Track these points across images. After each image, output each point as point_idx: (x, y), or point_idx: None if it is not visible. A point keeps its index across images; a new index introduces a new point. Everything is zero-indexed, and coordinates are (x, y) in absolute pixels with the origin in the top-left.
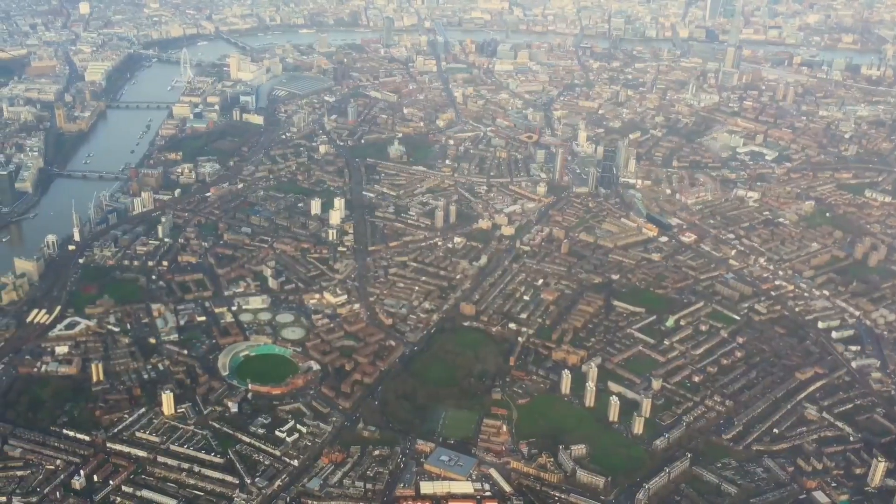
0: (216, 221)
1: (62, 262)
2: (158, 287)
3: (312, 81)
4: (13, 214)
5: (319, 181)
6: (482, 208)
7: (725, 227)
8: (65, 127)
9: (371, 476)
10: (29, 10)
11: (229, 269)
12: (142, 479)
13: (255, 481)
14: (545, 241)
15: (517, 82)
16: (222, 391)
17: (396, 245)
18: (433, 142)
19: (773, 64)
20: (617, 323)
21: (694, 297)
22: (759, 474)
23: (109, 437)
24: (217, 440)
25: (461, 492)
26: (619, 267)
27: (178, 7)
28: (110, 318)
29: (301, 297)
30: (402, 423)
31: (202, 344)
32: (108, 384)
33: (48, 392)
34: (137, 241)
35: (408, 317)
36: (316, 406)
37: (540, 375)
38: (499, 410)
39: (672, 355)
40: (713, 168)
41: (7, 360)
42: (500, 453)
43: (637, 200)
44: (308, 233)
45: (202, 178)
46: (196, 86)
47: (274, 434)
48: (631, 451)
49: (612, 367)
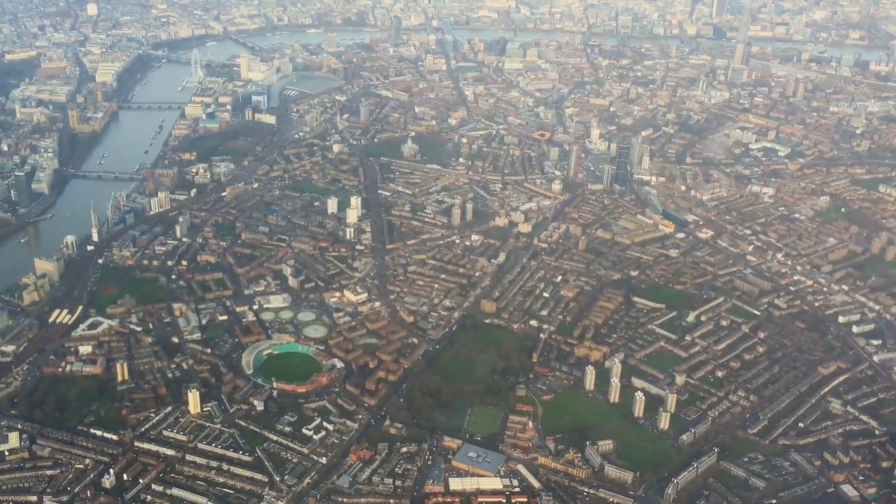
0: (233, 221)
1: (81, 263)
2: (179, 286)
3: (323, 81)
4: (30, 215)
5: (334, 180)
6: (498, 206)
7: (741, 222)
8: (78, 128)
9: (399, 473)
10: (37, 12)
11: (249, 269)
12: (171, 477)
13: (284, 479)
14: (562, 238)
15: (527, 80)
16: (247, 389)
17: (414, 243)
18: (446, 140)
19: (782, 60)
20: (637, 319)
21: (713, 293)
22: (786, 468)
23: (137, 436)
24: (244, 438)
25: (490, 488)
26: (638, 263)
27: (185, 8)
28: (132, 318)
29: (321, 296)
30: (428, 420)
31: (225, 343)
32: (134, 383)
33: (74, 392)
34: (156, 240)
35: (429, 314)
36: (341, 404)
37: (563, 372)
38: (524, 407)
39: (694, 351)
40: (727, 164)
41: (31, 360)
42: (527, 449)
43: (652, 197)
44: (325, 231)
45: (217, 178)
46: (207, 86)
47: (301, 432)
48: (657, 446)
49: (635, 363)
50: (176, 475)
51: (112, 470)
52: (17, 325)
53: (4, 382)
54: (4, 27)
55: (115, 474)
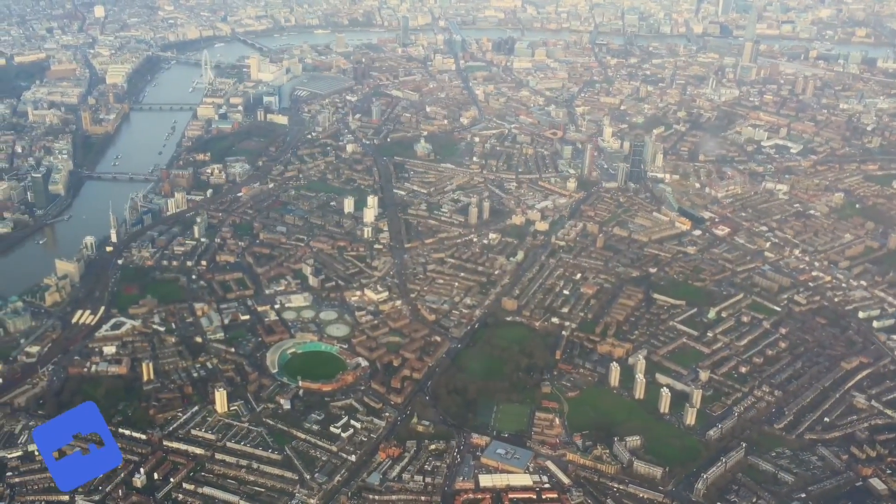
0: (250, 221)
1: (101, 264)
2: (199, 286)
3: (333, 81)
4: (48, 217)
5: (349, 180)
6: (514, 204)
7: (757, 219)
8: (91, 129)
9: (429, 470)
10: (44, 15)
11: (268, 268)
12: (202, 476)
13: (314, 477)
14: (579, 235)
15: (537, 79)
16: (273, 388)
17: (432, 242)
18: (459, 139)
19: (790, 58)
20: (658, 316)
21: (733, 289)
22: (814, 463)
23: (165, 436)
24: (272, 437)
25: (520, 484)
26: (656, 260)
27: (192, 9)
28: (154, 318)
29: (342, 295)
30: (454, 418)
31: (248, 342)
32: (159, 383)
33: (101, 392)
34: (174, 241)
35: (450, 312)
36: (368, 402)
37: (587, 368)
38: (550, 404)
39: (716, 347)
40: (740, 162)
41: (56, 360)
42: (555, 445)
43: (667, 194)
44: (343, 231)
45: (232, 179)
46: (217, 87)
47: (328, 430)
48: (685, 441)
49: (658, 360)
50: (206, 474)
51: (142, 469)
52: (41, 326)
53: (30, 383)
54: (12, 30)
55: (146, 473)
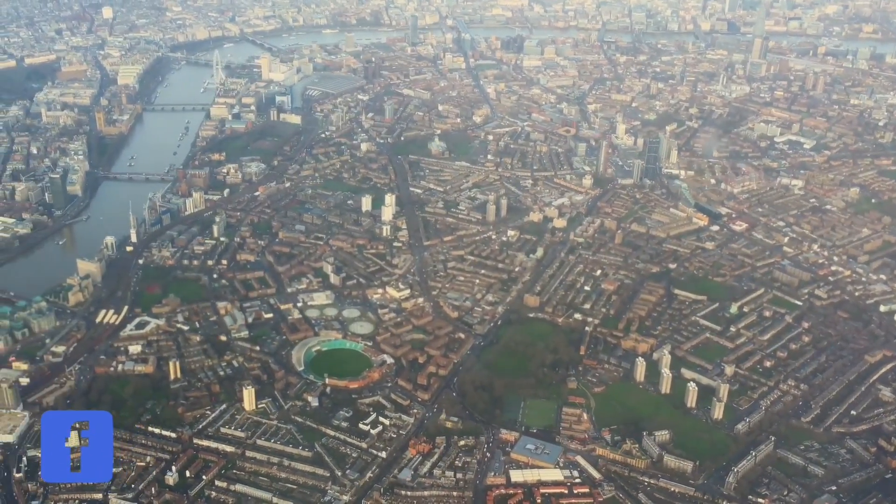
0: (269, 220)
1: (122, 263)
2: (221, 286)
3: (344, 81)
4: (66, 217)
5: (365, 178)
6: (531, 201)
7: (774, 214)
8: (105, 130)
9: (460, 466)
10: (52, 16)
11: (289, 267)
12: (233, 473)
13: (346, 473)
14: (598, 232)
15: (547, 77)
16: (300, 386)
17: (451, 239)
18: (472, 137)
19: (798, 54)
20: (680, 311)
21: (753, 284)
22: (843, 455)
23: (195, 434)
24: (301, 434)
25: (551, 479)
26: (675, 256)
27: (200, 10)
28: (178, 317)
29: (364, 293)
30: (482, 414)
31: (272, 340)
32: (186, 381)
33: (129, 391)
34: (194, 240)
35: (472, 309)
36: (395, 398)
37: (612, 364)
38: (577, 399)
39: (740, 341)
40: (754, 157)
41: (82, 360)
42: (584, 441)
43: (684, 190)
44: (362, 229)
45: (248, 178)
46: (229, 87)
47: (357, 427)
48: (713, 435)
49: (682, 355)
50: (237, 471)
51: (174, 467)
52: (65, 326)
53: (58, 382)
54: (21, 31)
55: (178, 471)
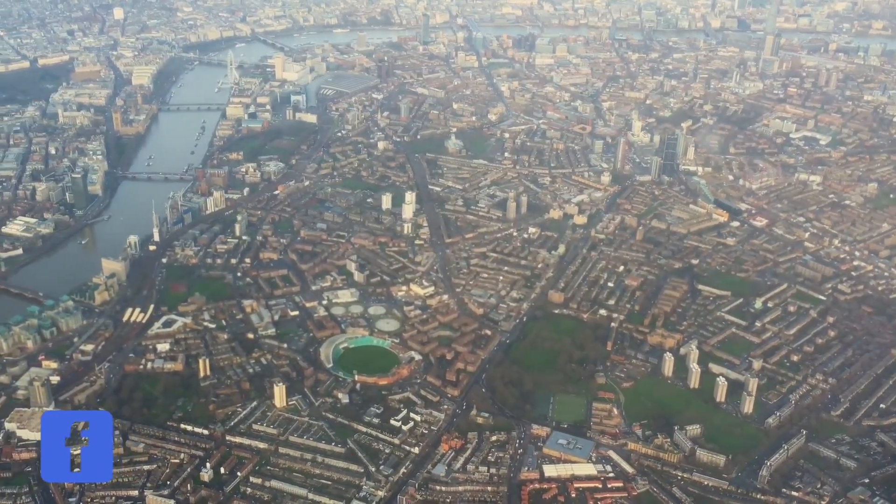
0: (290, 218)
1: (145, 262)
2: (246, 284)
3: (358, 80)
4: (88, 217)
5: (383, 177)
6: (551, 199)
7: (794, 210)
8: (122, 130)
9: (493, 461)
10: (64, 17)
11: (313, 265)
12: (267, 469)
13: (379, 469)
14: (618, 228)
15: (560, 75)
16: (330, 383)
17: (473, 237)
18: (488, 135)
19: (810, 51)
20: (705, 306)
21: (776, 280)
22: (874, 448)
23: (227, 430)
24: (333, 430)
25: (585, 473)
26: (697, 252)
27: (210, 10)
28: (204, 315)
29: (388, 290)
30: (512, 409)
31: (300, 338)
32: (216, 379)
33: (159, 388)
34: (216, 239)
35: (498, 306)
36: (425, 395)
37: (639, 359)
38: (606, 394)
39: (766, 336)
40: (770, 154)
41: (111, 358)
42: (615, 435)
43: (702, 187)
44: (383, 227)
45: (267, 177)
46: (244, 87)
47: (389, 423)
48: (744, 429)
49: (709, 350)
50: (272, 468)
51: (209, 464)
52: (93, 325)
53: (89, 381)
54: (34, 32)
55: (212, 468)
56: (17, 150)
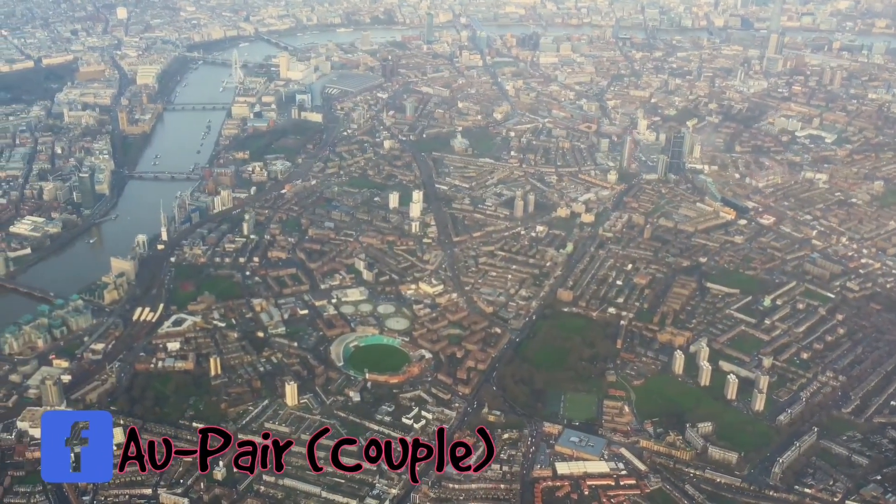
0: (297, 217)
1: (154, 261)
2: (255, 283)
3: (363, 79)
4: (95, 216)
5: (390, 176)
6: (557, 197)
7: (801, 208)
8: (128, 130)
9: (505, 459)
10: (67, 17)
11: (321, 263)
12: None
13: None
14: (626, 227)
15: (565, 74)
16: (341, 381)
17: (480, 235)
18: (494, 134)
19: (813, 49)
20: (714, 304)
21: (784, 277)
22: (885, 445)
23: (239, 429)
24: (345, 428)
25: (597, 471)
26: (705, 250)
27: (213, 10)
28: (214, 314)
29: (397, 289)
30: (523, 407)
31: (310, 336)
32: (227, 378)
33: (170, 387)
34: (224, 238)
35: (507, 304)
36: (436, 393)
37: (649, 357)
38: (617, 392)
39: (775, 334)
40: (776, 152)
41: (122, 357)
42: (627, 433)
43: (709, 185)
44: (391, 226)
45: (274, 176)
46: (249, 86)
47: (401, 421)
48: (755, 427)
49: (719, 347)
50: (285, 466)
51: (221, 462)
52: (102, 324)
53: (100, 379)
54: (37, 32)
55: (225, 466)
56: (23, 150)
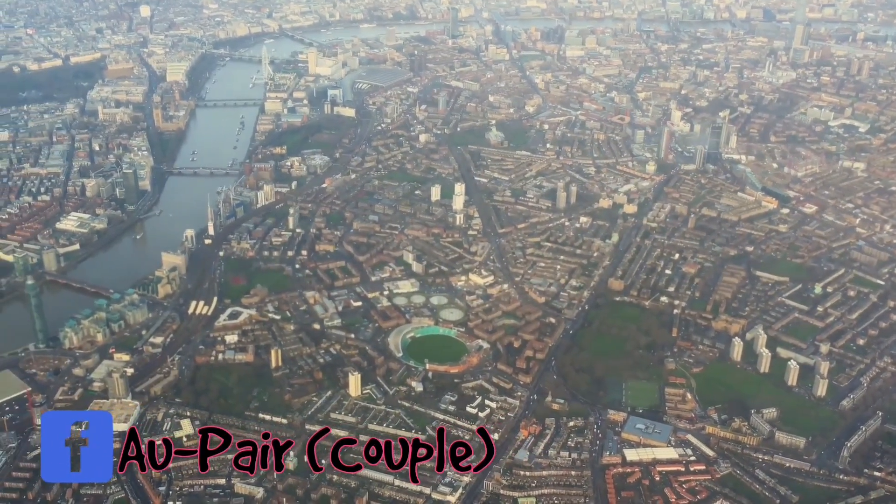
0: (340, 211)
1: (202, 256)
2: (305, 276)
3: (392, 74)
4: (140, 212)
5: (428, 169)
6: (598, 188)
7: (841, 196)
8: (163, 126)
9: (573, 446)
10: (90, 15)
11: (370, 256)
12: (351, 457)
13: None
14: (669, 217)
15: (593, 67)
16: (402, 372)
17: (525, 227)
18: (527, 127)
19: (838, 40)
20: (765, 292)
21: (832, 265)
22: None
23: (306, 419)
24: (411, 418)
25: (666, 457)
26: (750, 239)
27: (236, 7)
28: (268, 307)
29: (447, 280)
30: (585, 395)
31: (366, 328)
32: (287, 369)
33: (233, 379)
34: (270, 232)
35: (558, 294)
36: (497, 382)
37: (706, 345)
38: (677, 379)
39: (829, 320)
40: (811, 141)
41: (181, 350)
42: (691, 420)
43: (748, 175)
44: (434, 218)
45: (313, 171)
46: (279, 82)
47: (465, 410)
48: (819, 412)
49: (774, 334)
50: (355, 455)
51: (292, 452)
52: (158, 318)
53: (162, 372)
54: (63, 31)
55: (297, 456)
56: (61, 147)
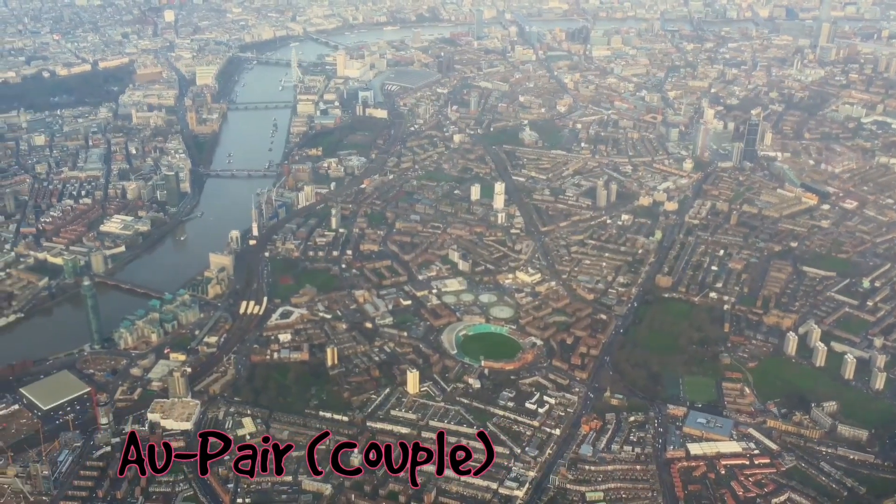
0: (381, 211)
1: (248, 256)
2: (353, 275)
3: (420, 75)
4: (181, 214)
5: (465, 168)
6: (637, 186)
7: (881, 192)
8: (197, 129)
9: (635, 441)
10: (114, 20)
11: (415, 255)
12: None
13: (525, 451)
14: (710, 213)
15: (620, 66)
16: (458, 369)
17: (567, 225)
18: (560, 126)
19: (862, 38)
20: (813, 287)
21: (878, 260)
22: None
23: (367, 417)
24: (471, 414)
25: (730, 451)
26: (793, 234)
27: (259, 11)
28: (318, 306)
29: (495, 278)
30: (643, 391)
31: (417, 326)
32: (344, 368)
33: (290, 377)
34: (314, 232)
35: (607, 291)
36: (554, 378)
37: (759, 340)
38: (734, 374)
39: (880, 314)
40: (845, 138)
41: (236, 349)
42: (751, 414)
43: (786, 171)
44: (476, 217)
45: (350, 172)
46: (308, 85)
47: (524, 406)
48: (878, 404)
49: (826, 329)
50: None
51: (357, 449)
52: (210, 318)
53: (219, 371)
54: (89, 36)
55: (361, 453)
56: (98, 151)
